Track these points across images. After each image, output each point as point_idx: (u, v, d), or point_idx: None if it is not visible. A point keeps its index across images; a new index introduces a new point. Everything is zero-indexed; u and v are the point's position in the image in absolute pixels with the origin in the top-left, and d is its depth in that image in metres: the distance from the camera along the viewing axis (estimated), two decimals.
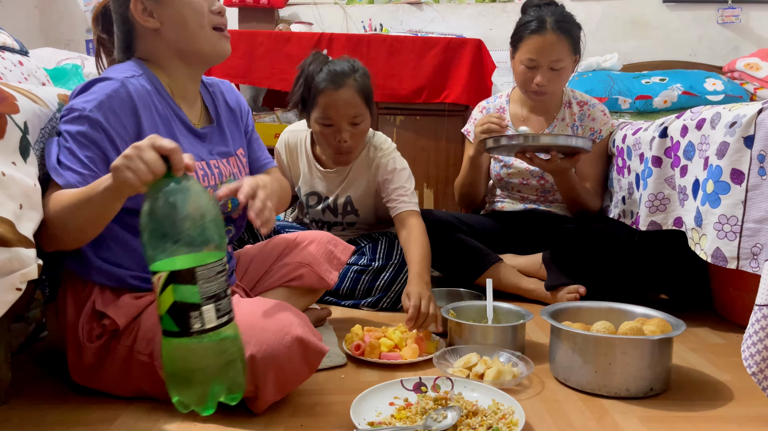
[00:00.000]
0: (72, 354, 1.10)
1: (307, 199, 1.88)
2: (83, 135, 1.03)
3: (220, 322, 0.86)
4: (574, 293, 1.70)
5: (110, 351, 1.07)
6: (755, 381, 0.99)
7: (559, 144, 1.66)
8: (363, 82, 1.65)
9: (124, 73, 1.10)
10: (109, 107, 1.05)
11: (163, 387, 1.04)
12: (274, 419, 1.03)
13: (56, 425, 1.01)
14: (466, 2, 3.05)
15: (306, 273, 1.37)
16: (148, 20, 1.13)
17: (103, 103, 1.04)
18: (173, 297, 0.83)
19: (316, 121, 1.66)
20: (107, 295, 1.10)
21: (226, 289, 0.88)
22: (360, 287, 1.75)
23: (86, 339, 1.07)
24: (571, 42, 1.80)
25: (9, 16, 2.81)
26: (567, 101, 1.96)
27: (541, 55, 1.78)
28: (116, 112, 1.05)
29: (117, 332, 1.07)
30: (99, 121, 1.04)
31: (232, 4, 2.77)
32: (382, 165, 1.75)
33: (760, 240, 1.22)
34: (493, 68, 2.52)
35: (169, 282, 0.83)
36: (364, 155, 1.78)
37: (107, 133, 1.04)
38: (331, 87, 1.61)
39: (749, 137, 1.24)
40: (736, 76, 2.65)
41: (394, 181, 1.72)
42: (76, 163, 1.03)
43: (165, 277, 0.83)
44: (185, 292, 0.83)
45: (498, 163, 1.98)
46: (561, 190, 1.85)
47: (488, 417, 0.99)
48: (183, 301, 0.83)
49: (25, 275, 0.94)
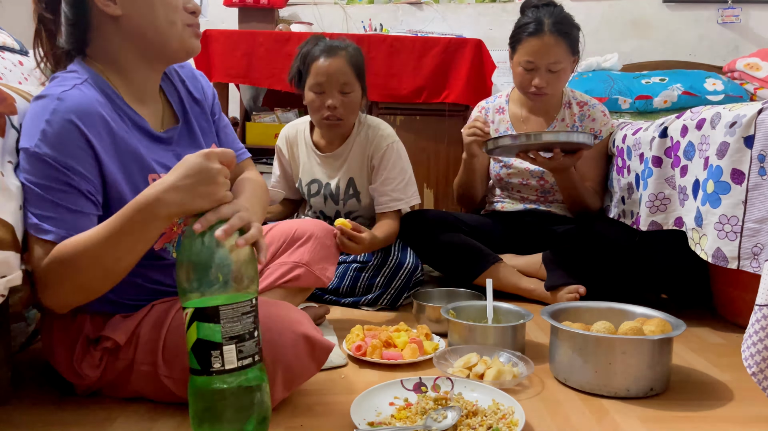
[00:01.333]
0: (74, 381, 1.07)
1: (309, 188, 1.89)
2: (44, 177, 0.93)
3: (241, 364, 0.85)
4: (574, 293, 1.70)
5: (110, 366, 1.05)
6: (755, 381, 0.99)
7: (561, 140, 1.66)
8: (355, 55, 1.75)
9: (61, 85, 0.97)
10: (53, 134, 0.93)
11: (165, 392, 1.04)
12: (274, 419, 1.03)
13: (56, 425, 1.01)
14: (466, 2, 3.05)
15: (303, 273, 1.37)
16: (108, 5, 0.99)
17: (46, 132, 0.93)
18: (196, 335, 0.84)
19: (309, 89, 1.73)
20: (97, 322, 1.06)
21: (252, 331, 0.87)
22: (360, 284, 1.76)
23: (89, 370, 1.04)
24: (569, 43, 1.80)
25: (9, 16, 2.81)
26: (567, 101, 1.96)
27: (538, 57, 1.78)
28: (62, 138, 0.93)
29: (115, 350, 1.05)
30: (49, 155, 0.93)
31: (232, 4, 2.77)
32: (378, 146, 1.81)
33: (760, 240, 1.22)
34: (493, 68, 2.52)
35: (194, 319, 0.84)
36: (361, 137, 1.83)
37: (64, 164, 0.94)
38: (323, 56, 1.71)
39: (749, 137, 1.24)
40: (736, 76, 2.65)
41: (382, 173, 1.80)
42: (51, 210, 0.93)
43: (191, 314, 0.84)
44: (207, 330, 0.84)
45: (498, 163, 1.98)
46: (562, 189, 1.85)
47: (488, 417, 0.99)
48: (205, 339, 0.84)
49: (9, 281, 0.91)
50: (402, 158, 1.83)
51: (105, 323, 1.06)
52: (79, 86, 0.98)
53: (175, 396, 1.03)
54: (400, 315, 1.70)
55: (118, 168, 1.00)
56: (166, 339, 1.02)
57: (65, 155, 0.93)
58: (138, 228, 0.90)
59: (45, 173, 0.93)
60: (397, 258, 1.76)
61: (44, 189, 0.94)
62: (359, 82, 1.75)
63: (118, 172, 1.00)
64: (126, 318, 1.06)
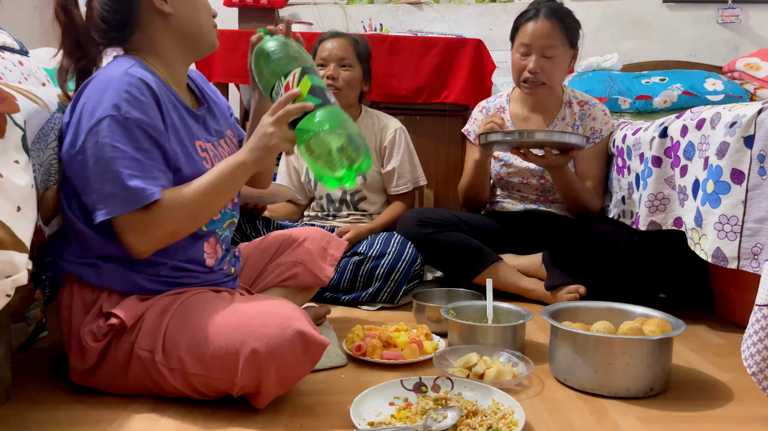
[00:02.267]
0: (74, 357, 1.10)
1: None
2: (133, 140, 1.03)
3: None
4: (574, 293, 1.70)
5: (112, 349, 1.08)
6: (755, 381, 0.99)
7: (554, 140, 1.67)
8: (359, 40, 1.99)
9: (121, 65, 1.09)
10: (135, 100, 1.04)
11: (163, 384, 1.05)
12: (274, 419, 1.03)
13: (56, 425, 1.01)
14: (466, 2, 3.05)
15: (300, 271, 1.38)
16: (163, 4, 1.13)
17: (129, 100, 1.04)
18: (310, 82, 1.11)
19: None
20: (114, 298, 1.10)
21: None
22: (360, 279, 1.77)
23: (91, 340, 1.07)
24: (566, 31, 1.81)
25: (9, 16, 2.80)
26: (567, 101, 1.96)
27: (533, 39, 1.80)
28: (143, 103, 1.05)
29: (121, 331, 1.07)
30: (138, 118, 1.04)
31: (232, 4, 2.77)
32: (387, 129, 2.03)
33: (760, 240, 1.22)
34: (493, 68, 2.52)
35: (303, 74, 1.13)
36: (367, 123, 2.04)
37: (150, 125, 1.05)
38: (328, 37, 1.98)
39: (749, 137, 1.24)
40: (736, 76, 2.65)
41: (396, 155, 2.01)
42: (146, 171, 1.04)
43: (299, 72, 1.13)
44: (316, 79, 1.13)
45: (498, 162, 1.98)
46: (558, 187, 1.84)
47: (488, 417, 0.99)
48: (316, 84, 1.12)
49: (15, 281, 0.91)
50: (410, 143, 2.06)
51: (119, 301, 1.09)
52: (134, 67, 1.09)
53: (171, 388, 1.05)
54: (400, 315, 1.70)
55: (173, 134, 1.12)
56: (167, 329, 1.05)
57: (151, 117, 1.06)
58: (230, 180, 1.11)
59: (133, 136, 1.04)
60: (396, 250, 1.76)
61: (138, 151, 1.04)
62: (360, 65, 1.97)
63: (173, 138, 1.11)
64: (139, 301, 1.10)
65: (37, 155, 1.06)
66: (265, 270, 1.41)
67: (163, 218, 1.04)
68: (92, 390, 1.12)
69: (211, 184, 1.09)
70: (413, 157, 2.08)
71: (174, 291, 1.13)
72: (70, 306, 1.11)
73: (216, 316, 1.03)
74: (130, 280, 1.10)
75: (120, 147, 1.02)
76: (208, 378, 1.02)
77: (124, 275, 1.10)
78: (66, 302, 1.12)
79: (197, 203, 1.08)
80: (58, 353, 1.28)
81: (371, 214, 2.04)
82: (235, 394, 1.03)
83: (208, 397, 1.06)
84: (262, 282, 1.39)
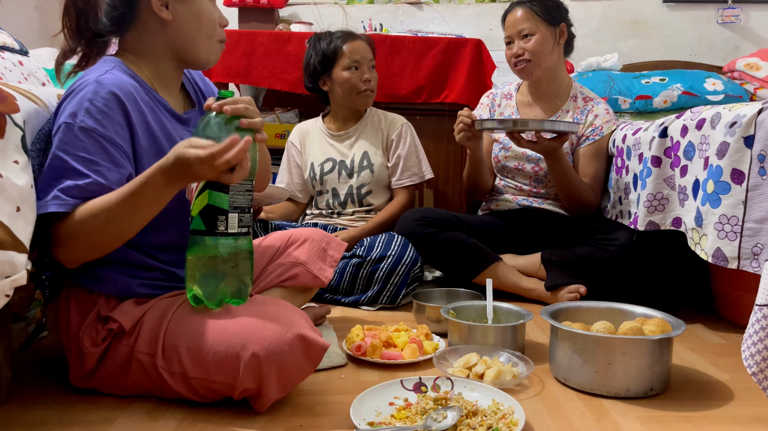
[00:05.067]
0: (73, 361, 1.10)
1: (322, 167, 2.06)
2: (80, 149, 1.02)
3: (240, 231, 1.03)
4: (574, 293, 1.70)
5: (111, 353, 1.08)
6: (755, 381, 0.99)
7: (546, 129, 1.71)
8: (370, 40, 2.05)
9: (95, 72, 1.08)
10: (97, 110, 1.03)
11: (163, 386, 1.05)
12: (274, 419, 1.03)
13: (56, 425, 1.01)
14: (466, 2, 3.05)
15: (300, 272, 1.38)
16: (162, 10, 1.12)
17: (90, 109, 1.03)
18: (207, 201, 1.00)
19: (343, 68, 1.98)
20: (112, 303, 1.11)
21: (249, 207, 1.04)
22: (359, 281, 1.76)
23: (90, 345, 1.07)
24: (541, 11, 1.88)
25: (9, 16, 2.80)
26: (574, 95, 1.98)
27: (511, 28, 1.92)
28: (104, 113, 1.04)
29: (120, 334, 1.07)
30: (94, 128, 1.02)
31: (232, 4, 2.77)
32: (394, 124, 2.08)
33: (760, 240, 1.22)
34: (493, 68, 2.52)
35: (206, 188, 1.00)
36: (373, 119, 2.09)
37: (105, 137, 1.03)
38: (350, 38, 2.00)
39: (749, 137, 1.24)
40: (736, 76, 2.65)
41: (402, 147, 2.06)
42: (82, 178, 1.01)
43: (203, 183, 1.00)
44: (217, 198, 1.00)
45: (498, 145, 2.02)
46: (553, 174, 1.84)
47: (488, 417, 0.99)
48: (214, 205, 1.00)
49: (15, 281, 0.92)
50: (416, 138, 2.12)
51: (117, 306, 1.09)
52: (110, 71, 1.08)
53: (171, 390, 1.05)
54: (400, 315, 1.70)
55: (148, 141, 1.10)
56: (167, 332, 1.05)
57: (107, 128, 1.04)
58: (152, 192, 1.01)
59: (84, 146, 1.02)
60: (396, 252, 1.76)
61: (79, 161, 1.01)
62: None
63: (148, 145, 1.10)
64: (137, 304, 1.10)
65: (37, 155, 1.07)
66: (265, 270, 1.41)
67: (75, 230, 1.00)
68: (92, 391, 1.12)
69: (122, 197, 1.00)
70: (419, 151, 2.11)
71: (171, 294, 1.13)
72: (68, 311, 1.11)
73: (216, 319, 1.03)
74: (125, 285, 1.11)
75: (61, 156, 1.01)
76: (208, 381, 1.02)
77: (120, 279, 1.10)
78: (64, 307, 1.13)
79: (109, 215, 1.00)
80: (58, 353, 1.28)
81: (376, 209, 2.05)
82: (236, 397, 1.03)
83: (209, 400, 1.06)
84: (262, 283, 1.39)
